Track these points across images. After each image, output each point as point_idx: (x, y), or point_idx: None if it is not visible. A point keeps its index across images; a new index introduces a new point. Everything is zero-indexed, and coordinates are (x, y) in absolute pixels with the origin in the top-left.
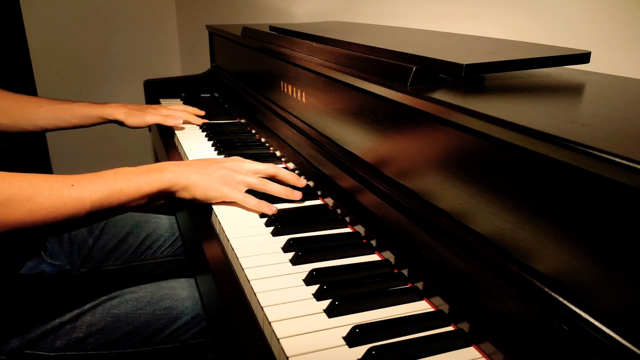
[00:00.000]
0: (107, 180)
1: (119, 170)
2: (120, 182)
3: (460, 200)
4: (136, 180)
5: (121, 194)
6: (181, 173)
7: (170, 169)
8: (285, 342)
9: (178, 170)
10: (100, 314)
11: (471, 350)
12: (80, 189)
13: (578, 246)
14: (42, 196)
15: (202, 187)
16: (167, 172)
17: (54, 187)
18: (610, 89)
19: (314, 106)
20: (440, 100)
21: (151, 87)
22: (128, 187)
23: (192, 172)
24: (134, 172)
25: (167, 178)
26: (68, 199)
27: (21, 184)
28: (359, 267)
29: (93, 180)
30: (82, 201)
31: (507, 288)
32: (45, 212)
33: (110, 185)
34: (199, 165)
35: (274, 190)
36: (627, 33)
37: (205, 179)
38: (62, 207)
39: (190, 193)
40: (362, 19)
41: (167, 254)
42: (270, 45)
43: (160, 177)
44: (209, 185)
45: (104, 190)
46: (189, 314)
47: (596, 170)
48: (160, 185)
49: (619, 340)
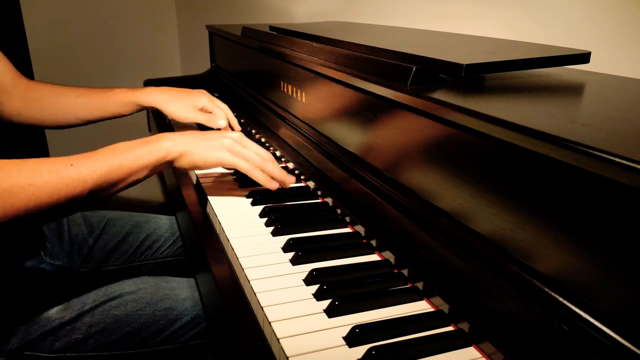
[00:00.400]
0: (106, 156)
1: (117, 146)
2: (119, 157)
3: (460, 200)
4: (134, 152)
5: (121, 168)
6: (179, 140)
7: (167, 137)
8: (285, 342)
9: (176, 137)
10: (99, 315)
11: (471, 350)
12: (80, 168)
13: (578, 246)
14: (42, 179)
15: (200, 151)
16: (165, 140)
17: (53, 169)
18: (610, 89)
19: (314, 106)
20: (440, 100)
21: None
22: (127, 161)
23: (190, 138)
24: (132, 146)
25: (165, 146)
26: (69, 179)
27: (20, 170)
28: (359, 267)
29: (92, 158)
30: (84, 180)
31: (507, 288)
32: (48, 195)
33: (109, 161)
34: (199, 134)
35: (270, 170)
36: (627, 33)
37: (204, 144)
38: (64, 188)
39: (188, 159)
40: (362, 19)
41: (167, 254)
42: (270, 45)
43: (158, 146)
44: (207, 149)
45: (103, 167)
46: (189, 314)
47: (596, 170)
48: (158, 154)
49: (619, 340)
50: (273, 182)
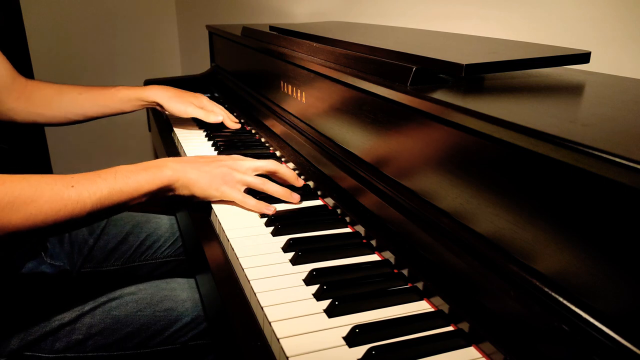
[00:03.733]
0: (107, 179)
1: (119, 169)
2: (120, 182)
3: (461, 200)
4: (135, 178)
5: (121, 193)
6: (180, 170)
7: (169, 166)
8: (285, 342)
9: (177, 167)
10: (99, 315)
11: (471, 350)
12: (80, 189)
13: (578, 246)
14: (42, 199)
15: (201, 185)
16: (166, 169)
17: (54, 189)
18: (610, 89)
19: (314, 106)
20: (440, 100)
21: None
22: (128, 187)
23: (191, 169)
24: (133, 171)
25: (166, 175)
26: (68, 200)
27: (22, 186)
28: (359, 267)
29: (93, 180)
30: (83, 202)
31: (507, 288)
32: (46, 215)
33: (110, 185)
34: (198, 162)
35: (273, 190)
36: (627, 33)
37: (205, 177)
38: (63, 209)
39: (189, 190)
40: (362, 19)
41: (168, 254)
42: (270, 45)
43: (160, 174)
44: (208, 184)
45: (104, 190)
46: (189, 315)
47: (596, 170)
48: (159, 182)
49: (619, 340)
50: (262, 207)
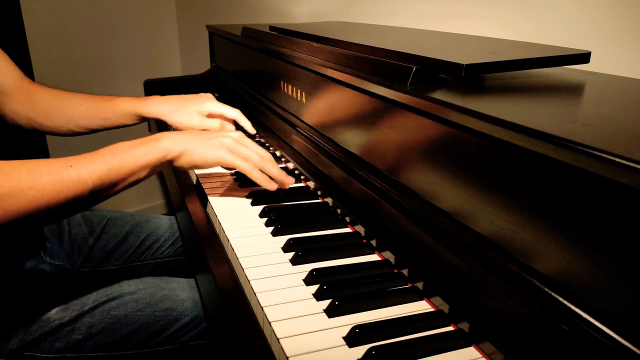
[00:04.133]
0: (105, 156)
1: (116, 146)
2: (118, 157)
3: (461, 200)
4: (133, 152)
5: (121, 168)
6: (178, 139)
7: (167, 136)
8: (285, 342)
9: (175, 137)
10: (99, 315)
11: (471, 350)
12: (80, 169)
13: (578, 246)
14: (42, 181)
15: (200, 151)
16: (164, 139)
17: (53, 171)
18: (610, 89)
19: (314, 106)
20: (440, 100)
21: (151, 87)
22: (126, 161)
23: (189, 138)
24: (131, 146)
25: (164, 145)
26: (69, 180)
27: (20, 172)
28: (359, 267)
29: (91, 158)
30: (84, 181)
31: (507, 288)
32: (48, 197)
33: (109, 162)
34: (198, 133)
35: (270, 170)
36: (627, 33)
37: (204, 143)
38: (64, 190)
39: (188, 158)
40: (362, 19)
41: (167, 254)
42: (270, 45)
43: (157, 145)
44: (207, 148)
45: (103, 167)
46: (189, 315)
47: (596, 170)
48: (157, 153)
49: (619, 340)
50: (272, 182)
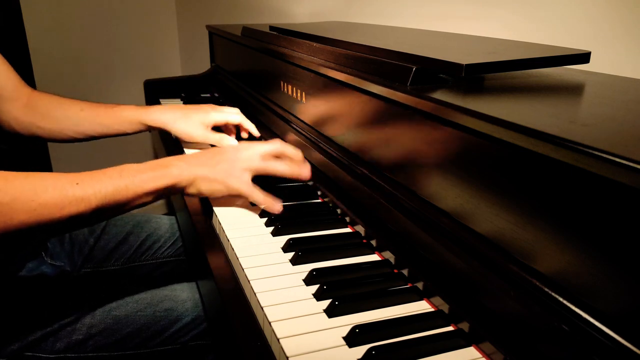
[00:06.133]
0: (112, 177)
1: (124, 167)
2: (126, 180)
3: (461, 200)
4: (141, 177)
5: (127, 191)
6: (186, 168)
7: (175, 164)
8: (285, 342)
9: (183, 165)
10: (100, 315)
11: (471, 350)
12: (85, 187)
13: (578, 246)
14: (46, 195)
15: (207, 180)
16: (173, 167)
17: (58, 186)
18: (610, 89)
19: (314, 106)
20: (440, 100)
21: (151, 87)
22: (134, 185)
23: (197, 165)
24: (139, 170)
25: (173, 174)
26: (73, 197)
27: (24, 183)
28: (359, 267)
29: (98, 178)
30: (88, 200)
31: (507, 288)
32: (50, 212)
33: (116, 183)
34: (203, 157)
35: (279, 170)
36: (627, 33)
37: (211, 171)
38: (67, 206)
39: (196, 188)
40: (362, 19)
41: (168, 255)
42: (270, 45)
43: (166, 173)
44: (213, 178)
45: (109, 188)
46: (189, 315)
47: (596, 170)
48: (166, 181)
49: (619, 340)
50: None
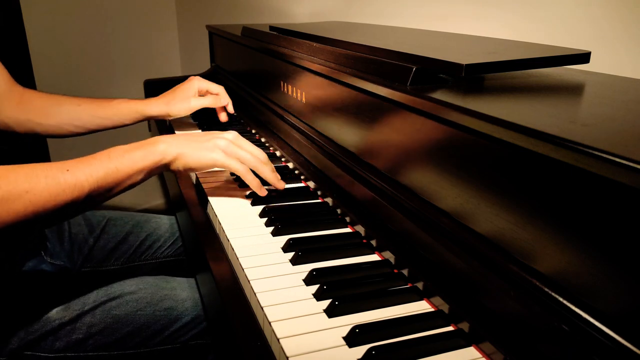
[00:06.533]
0: (102, 160)
1: (112, 149)
2: (115, 161)
3: (461, 200)
4: (129, 156)
5: (117, 172)
6: (173, 143)
7: (162, 140)
8: (285, 342)
9: (171, 140)
10: (100, 315)
11: (471, 350)
12: (76, 173)
13: (578, 246)
14: (39, 186)
15: (194, 153)
16: (159, 144)
17: (50, 175)
18: (610, 89)
19: (314, 106)
20: (440, 100)
21: (151, 87)
22: (123, 165)
23: (184, 141)
24: (127, 149)
25: (160, 149)
26: (65, 184)
27: (17, 176)
28: (359, 267)
29: (88, 162)
30: (80, 185)
31: (507, 288)
32: (45, 201)
33: (106, 165)
34: (194, 135)
35: (264, 173)
36: (627, 33)
37: (198, 146)
38: (61, 194)
39: (183, 161)
40: (362, 19)
41: (168, 254)
42: (270, 45)
43: (153, 149)
44: (201, 151)
45: (100, 171)
46: (189, 315)
47: (596, 170)
48: (153, 157)
49: (619, 340)
50: (262, 189)
